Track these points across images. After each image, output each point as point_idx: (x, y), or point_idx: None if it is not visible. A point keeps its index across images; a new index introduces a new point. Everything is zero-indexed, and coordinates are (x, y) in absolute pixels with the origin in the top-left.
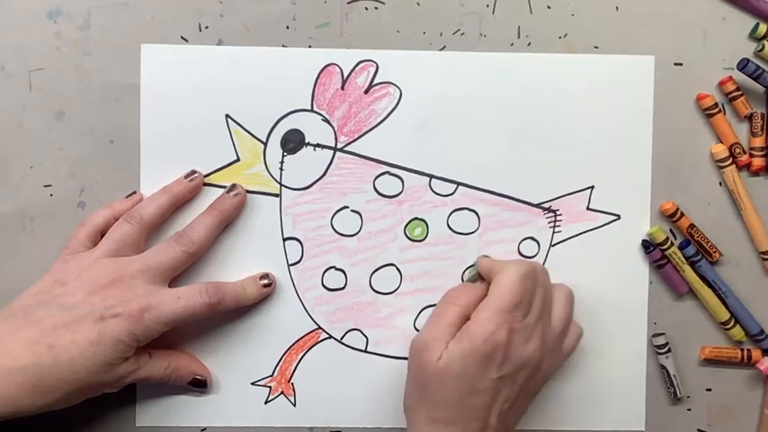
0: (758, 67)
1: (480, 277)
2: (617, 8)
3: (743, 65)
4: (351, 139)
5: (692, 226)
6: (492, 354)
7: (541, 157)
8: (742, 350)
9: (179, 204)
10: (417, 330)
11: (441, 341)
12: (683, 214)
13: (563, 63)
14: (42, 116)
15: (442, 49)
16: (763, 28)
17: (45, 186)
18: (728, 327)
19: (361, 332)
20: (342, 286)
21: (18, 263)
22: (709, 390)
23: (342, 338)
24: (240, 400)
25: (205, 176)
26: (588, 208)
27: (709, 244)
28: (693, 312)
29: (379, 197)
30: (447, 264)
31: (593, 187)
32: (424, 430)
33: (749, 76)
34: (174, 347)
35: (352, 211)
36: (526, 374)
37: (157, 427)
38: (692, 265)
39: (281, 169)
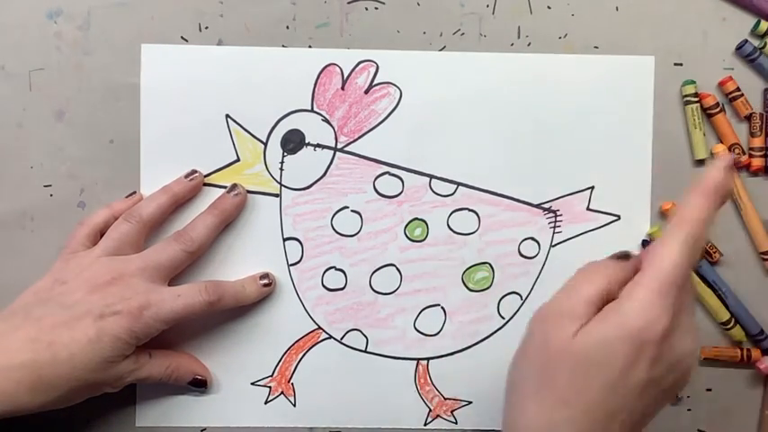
0: (755, 49)
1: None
2: (617, 8)
3: (741, 45)
4: (351, 140)
5: None
6: (646, 345)
7: (541, 157)
8: (742, 350)
9: (179, 204)
10: (417, 331)
11: (576, 317)
12: None
13: (563, 63)
14: (42, 116)
15: (441, 50)
16: (764, 25)
17: (45, 186)
18: (728, 327)
19: (361, 332)
20: (342, 286)
21: (18, 263)
22: (709, 390)
23: (342, 338)
24: (240, 400)
25: (205, 176)
26: (588, 208)
27: (709, 244)
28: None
29: (379, 197)
30: (447, 264)
31: (593, 187)
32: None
33: (746, 57)
34: (173, 347)
35: (352, 211)
36: (672, 379)
37: (157, 427)
38: None
39: (282, 169)
